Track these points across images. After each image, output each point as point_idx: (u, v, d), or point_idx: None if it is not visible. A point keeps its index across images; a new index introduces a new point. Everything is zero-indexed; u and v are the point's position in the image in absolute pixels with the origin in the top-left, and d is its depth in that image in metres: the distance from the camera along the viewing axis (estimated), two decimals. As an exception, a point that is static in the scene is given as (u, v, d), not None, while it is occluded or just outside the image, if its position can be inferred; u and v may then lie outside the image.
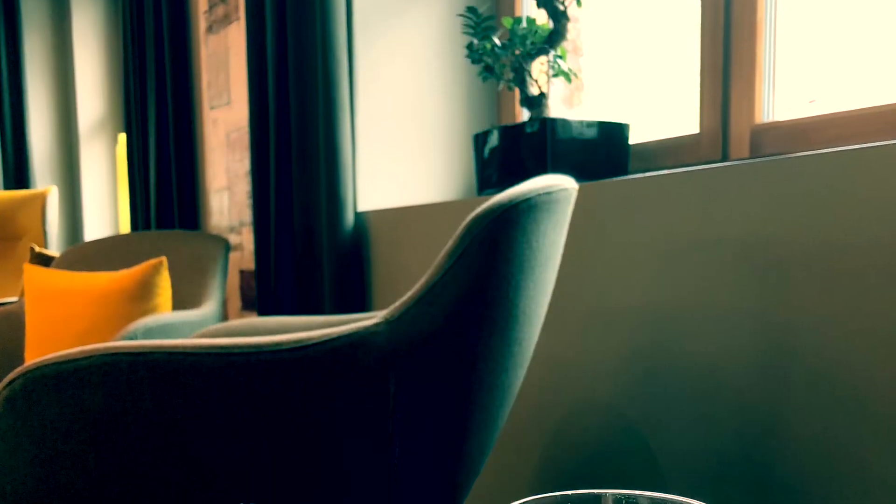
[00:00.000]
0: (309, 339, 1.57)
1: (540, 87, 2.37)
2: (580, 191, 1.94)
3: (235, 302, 4.07)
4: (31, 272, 3.16)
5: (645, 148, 2.58)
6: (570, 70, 2.39)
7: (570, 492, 0.60)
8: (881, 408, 1.92)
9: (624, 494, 0.59)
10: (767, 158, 2.13)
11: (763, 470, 2.15)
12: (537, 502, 0.59)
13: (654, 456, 2.41)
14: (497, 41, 2.40)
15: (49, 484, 1.57)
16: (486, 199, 1.71)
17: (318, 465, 1.59)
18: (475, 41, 2.41)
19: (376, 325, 1.62)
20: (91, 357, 1.53)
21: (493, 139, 2.46)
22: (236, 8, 3.91)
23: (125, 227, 5.84)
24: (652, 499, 0.59)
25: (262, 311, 3.49)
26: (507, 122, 3.16)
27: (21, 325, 3.15)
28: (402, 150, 3.27)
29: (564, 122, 2.31)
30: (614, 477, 2.50)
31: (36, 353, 2.90)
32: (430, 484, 1.78)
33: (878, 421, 1.93)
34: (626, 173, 2.54)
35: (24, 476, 1.57)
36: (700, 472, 2.30)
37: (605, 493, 0.60)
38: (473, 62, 2.42)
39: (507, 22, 2.37)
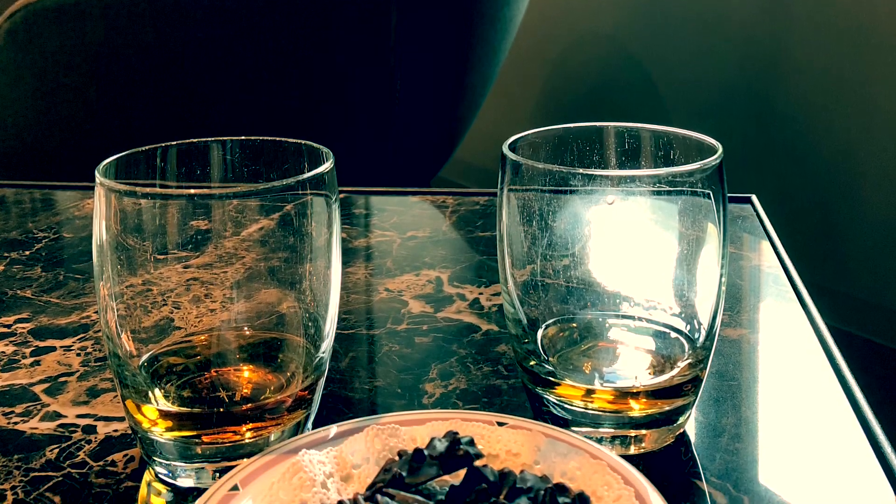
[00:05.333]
0: (305, -33, 1.52)
1: None
2: None
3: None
4: None
5: None
6: None
7: (571, 125, 0.58)
8: (887, 39, 1.89)
9: (626, 127, 0.58)
10: None
11: (766, 102, 2.14)
12: (538, 135, 0.58)
13: (656, 89, 2.40)
14: None
15: (50, 116, 1.57)
16: None
17: (320, 98, 1.58)
18: None
19: (374, -48, 1.56)
20: (86, -13, 1.48)
21: None
22: None
23: None
24: (653, 131, 0.57)
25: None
26: None
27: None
28: None
29: None
30: (616, 110, 2.50)
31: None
32: (432, 116, 1.78)
33: (884, 53, 1.90)
34: None
35: (25, 108, 1.57)
36: (702, 104, 2.29)
37: (607, 126, 0.58)
38: None
39: None
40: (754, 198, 0.97)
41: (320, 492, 0.43)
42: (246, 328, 0.53)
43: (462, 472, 0.43)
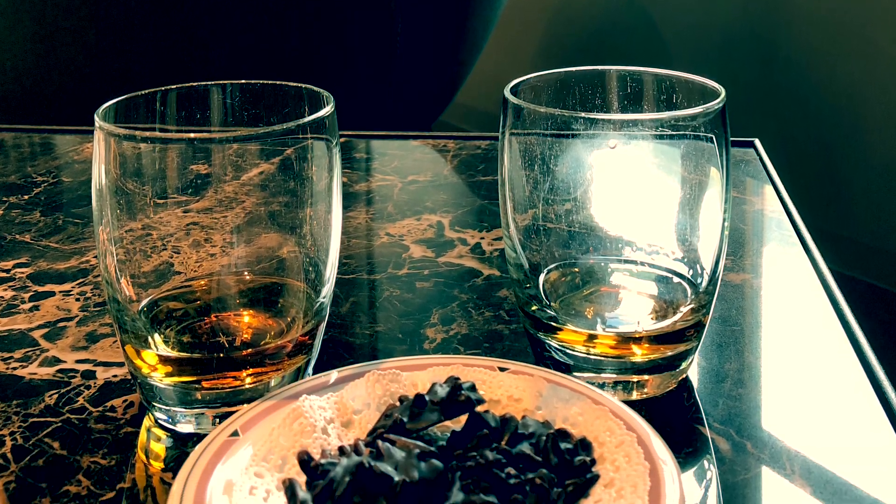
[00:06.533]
0: None
1: None
2: None
3: None
4: None
5: None
6: None
7: (573, 68, 0.58)
8: (897, -18, 1.87)
9: (628, 71, 0.57)
10: None
11: (769, 46, 2.12)
12: (540, 79, 0.57)
13: (658, 32, 2.38)
14: None
15: (49, 59, 1.56)
16: None
17: (320, 41, 1.57)
18: None
19: None
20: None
21: None
22: None
23: None
24: (656, 75, 0.57)
25: None
26: None
27: None
28: None
29: None
30: (618, 53, 2.49)
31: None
32: (433, 60, 1.77)
33: (893, -5, 1.88)
34: None
35: (24, 52, 1.56)
36: (705, 48, 2.27)
37: (609, 70, 0.58)
38: None
39: None
40: (757, 142, 0.96)
41: (321, 437, 0.43)
42: (246, 273, 0.52)
43: (463, 418, 0.43)
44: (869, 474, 0.47)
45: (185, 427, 0.50)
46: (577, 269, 0.56)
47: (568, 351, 0.53)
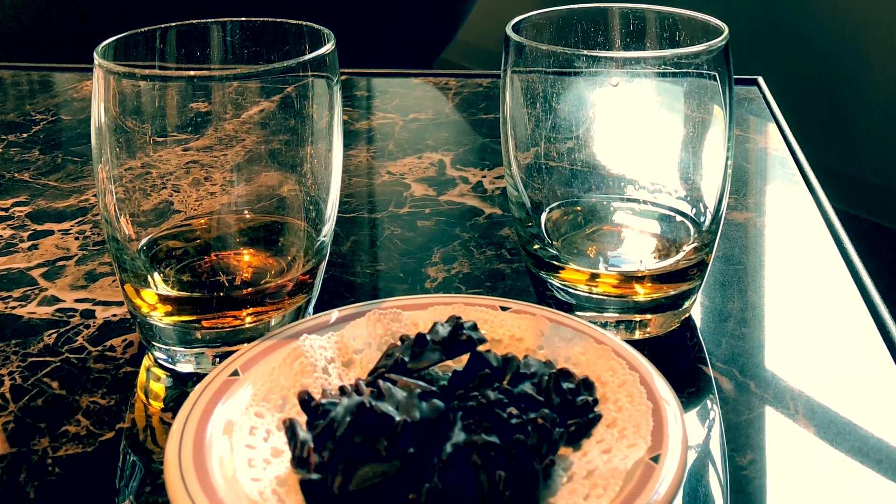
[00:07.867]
0: None
1: None
2: None
3: None
4: None
5: None
6: None
7: (575, 6, 0.57)
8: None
9: (631, 8, 0.57)
10: None
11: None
12: (543, 16, 0.56)
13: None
14: None
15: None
16: None
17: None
18: None
19: None
20: None
21: None
22: None
23: None
24: (659, 12, 0.56)
25: None
26: None
27: None
28: None
29: None
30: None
31: None
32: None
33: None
34: None
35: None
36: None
37: (612, 7, 0.57)
38: None
39: None
40: (761, 80, 0.95)
41: (321, 377, 0.43)
42: (246, 211, 0.52)
43: (465, 358, 0.42)
44: (873, 414, 0.47)
45: (185, 367, 0.50)
46: (579, 208, 0.56)
47: (570, 290, 0.53)
